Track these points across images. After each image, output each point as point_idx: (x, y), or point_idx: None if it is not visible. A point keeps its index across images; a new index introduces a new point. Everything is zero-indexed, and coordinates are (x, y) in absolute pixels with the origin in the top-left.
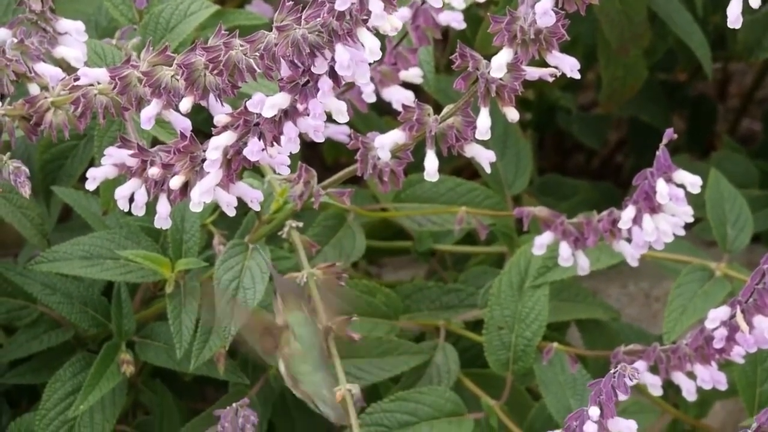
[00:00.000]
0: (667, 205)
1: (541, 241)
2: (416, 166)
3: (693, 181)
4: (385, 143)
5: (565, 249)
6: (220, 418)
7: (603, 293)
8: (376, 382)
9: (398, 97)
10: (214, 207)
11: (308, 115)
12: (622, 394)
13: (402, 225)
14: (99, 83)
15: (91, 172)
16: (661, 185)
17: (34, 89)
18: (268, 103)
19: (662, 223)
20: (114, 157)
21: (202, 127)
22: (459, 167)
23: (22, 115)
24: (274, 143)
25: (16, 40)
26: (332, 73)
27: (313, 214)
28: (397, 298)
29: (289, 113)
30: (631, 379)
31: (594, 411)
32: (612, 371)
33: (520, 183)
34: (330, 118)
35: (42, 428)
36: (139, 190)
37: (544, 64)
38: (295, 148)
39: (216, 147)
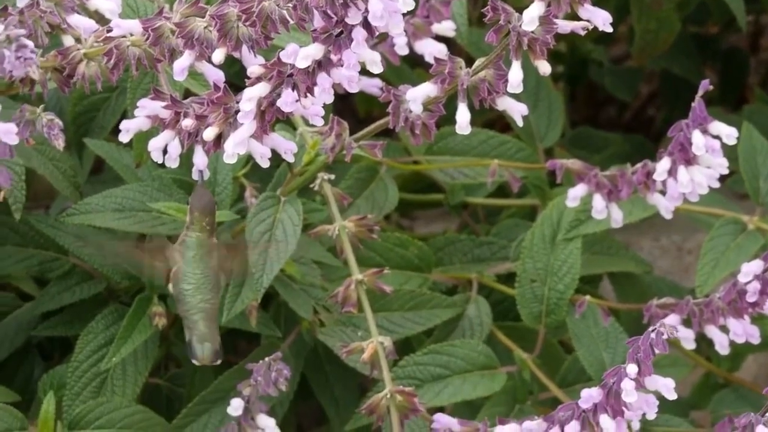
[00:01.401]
0: (703, 156)
1: (575, 193)
2: (448, 118)
3: (729, 133)
4: (417, 96)
5: (598, 201)
6: (252, 371)
7: (635, 246)
8: (408, 335)
9: (431, 49)
10: (247, 160)
11: (342, 65)
12: (660, 351)
13: (434, 178)
14: (132, 35)
15: (125, 124)
16: (697, 136)
17: (68, 41)
18: (301, 54)
19: (697, 175)
20: (147, 108)
21: (235, 80)
22: (491, 120)
23: (54, 67)
24: (308, 94)
25: None
26: (366, 24)
27: (345, 166)
28: (430, 251)
29: (322, 64)
30: (669, 336)
31: (632, 368)
32: (650, 329)
33: (552, 136)
34: (363, 70)
35: (74, 380)
36: (173, 142)
37: (576, 17)
38: (329, 98)
39: (250, 98)
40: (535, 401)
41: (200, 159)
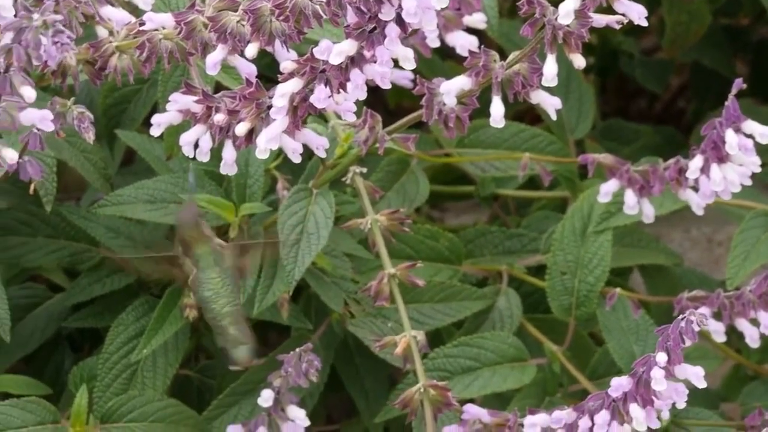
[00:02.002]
0: (736, 155)
1: (607, 189)
2: (479, 111)
3: (762, 132)
4: (451, 89)
5: (630, 197)
6: (282, 362)
7: (665, 238)
8: (438, 327)
9: (462, 42)
10: (278, 152)
11: (375, 61)
12: (690, 340)
13: (465, 169)
14: (164, 28)
15: (156, 118)
16: (730, 135)
17: (101, 32)
18: (335, 50)
19: (730, 173)
20: (179, 103)
21: (266, 71)
22: (521, 111)
23: (86, 59)
24: (341, 90)
25: None
26: (399, 20)
27: (375, 159)
28: (460, 243)
29: (355, 60)
30: (699, 325)
31: (661, 357)
32: (680, 317)
33: (583, 127)
34: (395, 63)
35: (105, 372)
36: (204, 137)
37: (610, 11)
38: (362, 95)
39: (282, 94)
40: (565, 394)
41: (229, 154)
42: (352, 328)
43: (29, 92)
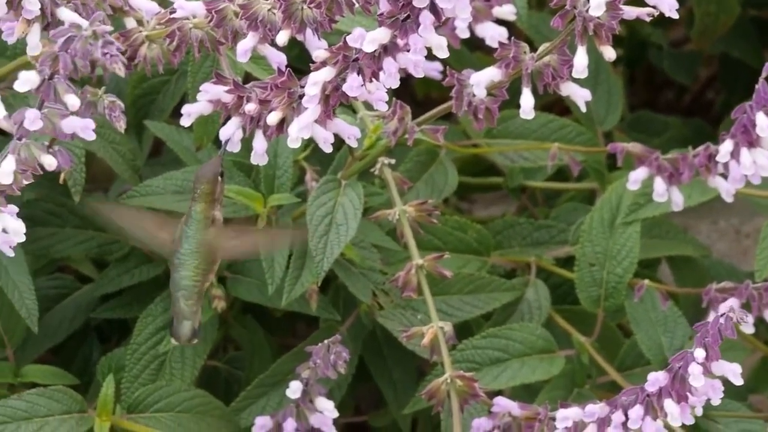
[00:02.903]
0: (766, 138)
1: (636, 176)
2: (507, 101)
3: None
4: (481, 80)
5: (659, 184)
6: (311, 354)
7: (693, 230)
8: (467, 318)
9: (491, 33)
10: (307, 143)
11: (408, 50)
12: (729, 336)
13: (493, 161)
14: (194, 17)
15: (186, 109)
16: (761, 118)
17: (130, 23)
18: (368, 38)
19: (760, 157)
20: (210, 93)
21: (295, 62)
22: (549, 103)
23: None
24: (373, 79)
25: None
26: (433, 7)
27: (403, 150)
28: (488, 235)
29: (388, 48)
30: (738, 322)
31: (699, 353)
32: (719, 313)
33: (612, 119)
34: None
35: (133, 363)
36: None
37: (641, 3)
38: (395, 83)
39: (315, 82)
40: (593, 385)
41: (260, 144)
42: (380, 320)
43: (73, 100)
